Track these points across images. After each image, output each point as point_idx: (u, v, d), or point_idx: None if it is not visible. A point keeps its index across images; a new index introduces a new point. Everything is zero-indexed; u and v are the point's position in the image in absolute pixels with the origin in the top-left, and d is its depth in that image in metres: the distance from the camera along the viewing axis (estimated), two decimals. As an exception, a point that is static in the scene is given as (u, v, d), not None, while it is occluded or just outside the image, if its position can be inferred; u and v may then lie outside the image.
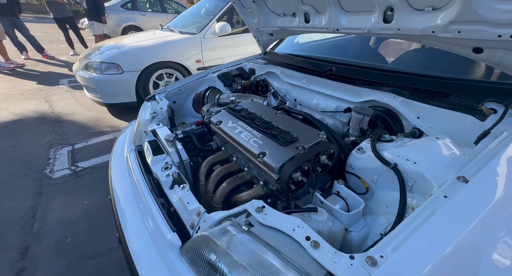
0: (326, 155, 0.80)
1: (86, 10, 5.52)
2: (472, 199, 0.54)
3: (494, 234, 0.52)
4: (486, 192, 0.55)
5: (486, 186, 0.56)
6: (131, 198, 0.95)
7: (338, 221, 0.67)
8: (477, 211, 0.51)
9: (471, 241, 0.49)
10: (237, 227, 0.63)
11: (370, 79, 1.13)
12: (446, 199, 0.54)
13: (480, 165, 0.61)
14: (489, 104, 0.84)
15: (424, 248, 0.47)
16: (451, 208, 0.52)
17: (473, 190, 0.55)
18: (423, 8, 0.87)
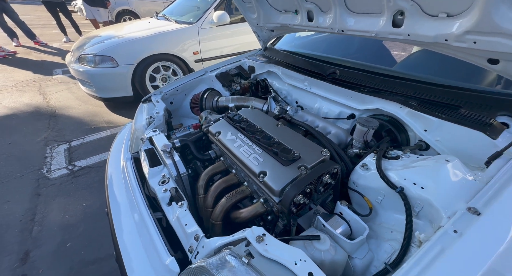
0: (329, 175, 0.77)
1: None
2: (485, 236, 0.51)
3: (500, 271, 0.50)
4: (500, 228, 0.52)
5: (500, 220, 0.54)
6: (128, 213, 0.93)
7: (341, 249, 0.65)
8: (491, 250, 0.49)
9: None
10: (236, 257, 0.61)
11: (375, 86, 1.08)
12: (456, 235, 0.52)
13: (493, 194, 0.58)
14: (501, 118, 0.80)
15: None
16: (462, 246, 0.50)
17: (486, 225, 0.53)
18: (437, 14, 0.80)
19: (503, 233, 0.51)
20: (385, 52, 1.52)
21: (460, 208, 0.57)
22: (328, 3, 1.12)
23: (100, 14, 5.40)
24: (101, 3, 5.33)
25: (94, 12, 5.37)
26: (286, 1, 1.32)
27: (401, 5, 0.85)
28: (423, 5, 0.81)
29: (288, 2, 1.31)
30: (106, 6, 5.43)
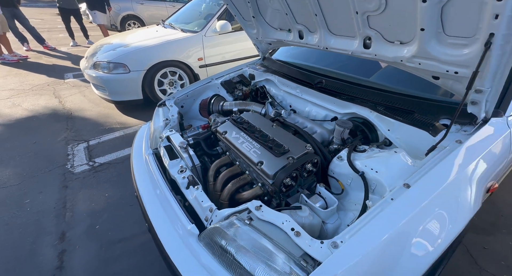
0: (311, 164, 1.01)
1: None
2: (409, 201, 0.75)
3: (419, 226, 0.74)
4: (419, 196, 0.76)
5: (421, 191, 0.77)
6: (153, 195, 1.17)
7: (317, 216, 0.89)
8: (410, 210, 0.73)
9: (403, 230, 0.71)
10: (241, 221, 0.85)
11: (352, 94, 1.32)
12: (391, 201, 0.76)
13: (421, 174, 0.82)
14: (443, 121, 1.04)
15: (369, 235, 0.69)
16: (393, 207, 0.74)
17: (411, 194, 0.77)
18: (393, 41, 1.04)
19: (420, 199, 0.75)
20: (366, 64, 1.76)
21: (398, 184, 0.81)
22: (314, 26, 1.37)
23: (97, 16, 5.63)
24: (99, 7, 5.57)
25: (91, 15, 5.61)
26: (280, 21, 1.57)
27: (368, 32, 1.10)
28: (384, 34, 1.06)
29: (283, 22, 1.56)
30: (105, 11, 5.65)
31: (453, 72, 0.89)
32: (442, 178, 0.81)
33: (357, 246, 0.68)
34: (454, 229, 0.77)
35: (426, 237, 0.73)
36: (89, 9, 5.52)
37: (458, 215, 0.80)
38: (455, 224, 0.78)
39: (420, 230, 0.73)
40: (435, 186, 0.79)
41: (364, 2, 0.97)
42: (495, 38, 0.69)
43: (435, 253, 0.73)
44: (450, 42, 0.84)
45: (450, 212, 0.78)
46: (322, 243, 0.71)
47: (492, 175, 1.00)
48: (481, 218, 1.58)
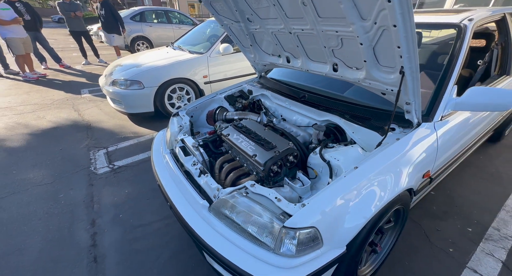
0: (292, 156, 1.36)
1: (102, 22, 6.06)
2: (354, 177, 1.09)
3: (361, 191, 1.07)
4: (361, 173, 1.10)
5: (363, 170, 1.11)
6: (172, 182, 1.50)
7: (295, 192, 1.23)
8: (353, 182, 1.07)
9: (348, 194, 1.04)
10: (240, 194, 1.18)
11: (326, 105, 1.69)
12: (344, 177, 1.10)
13: (366, 161, 1.16)
14: (392, 125, 1.40)
15: (325, 198, 1.03)
16: (343, 181, 1.08)
17: (356, 172, 1.10)
18: (352, 67, 1.43)
19: (362, 175, 1.09)
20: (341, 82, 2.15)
21: (351, 167, 1.16)
22: (297, 53, 1.77)
23: (115, 39, 6.21)
24: (116, 30, 6.15)
25: (109, 38, 6.17)
26: (272, 49, 1.98)
27: (334, 60, 1.49)
28: (345, 61, 1.44)
29: (274, 50, 1.97)
30: (121, 34, 6.24)
31: (391, 90, 1.26)
32: (381, 162, 1.15)
33: (317, 205, 1.01)
34: (388, 194, 1.10)
35: (366, 198, 1.06)
36: (107, 32, 6.07)
37: (392, 186, 1.13)
38: (390, 192, 1.11)
39: (362, 193, 1.06)
40: (376, 166, 1.13)
41: (328, 41, 1.37)
42: (404, 69, 1.06)
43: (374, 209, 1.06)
44: (384, 69, 1.22)
45: (385, 184, 1.12)
46: (295, 205, 1.05)
47: (425, 164, 1.33)
48: (439, 207, 1.90)
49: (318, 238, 0.97)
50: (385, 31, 1.00)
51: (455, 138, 1.53)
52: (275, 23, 1.61)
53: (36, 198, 2.05)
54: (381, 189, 1.10)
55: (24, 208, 1.95)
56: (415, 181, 1.25)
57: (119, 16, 6.07)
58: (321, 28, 1.32)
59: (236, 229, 1.12)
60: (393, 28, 0.94)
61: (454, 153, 1.62)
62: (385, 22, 0.95)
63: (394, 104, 1.34)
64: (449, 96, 1.37)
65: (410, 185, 1.20)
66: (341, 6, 1.03)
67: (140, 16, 8.25)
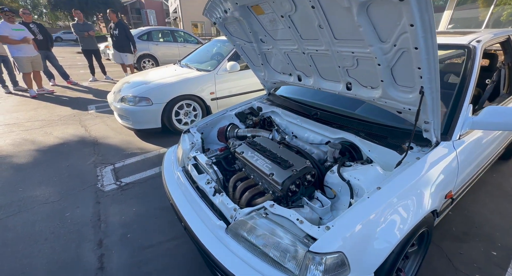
0: (310, 175, 1.34)
1: (114, 41, 6.26)
2: (378, 198, 1.06)
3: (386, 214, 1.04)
4: (385, 194, 1.07)
5: (386, 191, 1.09)
6: (185, 201, 1.47)
7: (315, 213, 1.19)
8: (378, 204, 1.04)
9: (374, 217, 1.01)
10: (259, 215, 1.15)
11: (340, 123, 1.69)
12: (367, 198, 1.07)
13: (388, 181, 1.13)
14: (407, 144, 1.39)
15: (351, 221, 0.99)
16: (367, 202, 1.05)
17: (380, 193, 1.08)
18: (367, 86, 1.45)
19: (386, 197, 1.06)
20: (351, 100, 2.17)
21: (373, 188, 1.13)
22: (309, 72, 1.80)
23: (128, 58, 6.40)
24: (128, 49, 6.35)
25: (122, 57, 6.36)
26: (283, 67, 2.02)
27: (348, 79, 1.51)
28: (359, 81, 1.46)
29: (285, 68, 2.01)
30: (133, 52, 6.46)
31: (408, 109, 1.27)
32: (404, 182, 1.13)
33: (342, 228, 0.98)
34: (414, 217, 1.07)
35: (392, 222, 1.03)
36: (119, 51, 6.26)
37: (416, 208, 1.10)
38: (415, 214, 1.08)
39: (388, 216, 1.03)
40: (399, 187, 1.10)
41: (343, 60, 1.40)
42: (424, 89, 1.07)
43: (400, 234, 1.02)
44: (401, 89, 1.23)
45: (410, 206, 1.09)
46: (318, 227, 1.01)
47: (446, 184, 1.31)
48: (458, 228, 1.84)
49: (345, 264, 0.93)
50: (405, 53, 1.02)
51: (472, 157, 1.51)
52: (289, 44, 1.65)
53: (42, 216, 2.00)
54: (406, 211, 1.07)
55: (30, 227, 1.89)
56: (438, 202, 1.22)
57: (132, 36, 6.30)
58: (336, 49, 1.35)
59: (256, 252, 1.07)
60: (414, 50, 0.95)
61: (473, 172, 1.60)
62: (405, 44, 0.98)
63: (413, 123, 1.34)
64: (465, 115, 1.38)
65: (434, 206, 1.17)
66: (360, 30, 1.06)
67: (147, 35, 8.57)
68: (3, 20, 4.98)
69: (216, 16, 1.79)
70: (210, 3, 1.67)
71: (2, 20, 4.99)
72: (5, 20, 4.97)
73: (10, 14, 5.00)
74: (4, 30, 4.90)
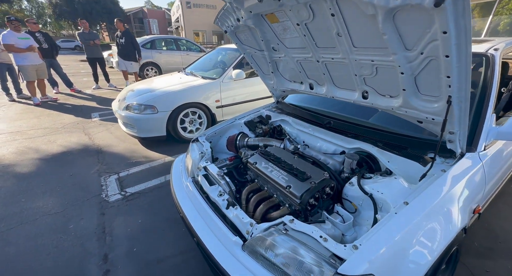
0: (329, 187, 1.28)
1: (120, 50, 6.29)
2: (408, 214, 1.00)
3: (418, 232, 0.97)
4: (414, 210, 1.01)
5: (417, 206, 1.02)
6: (197, 215, 1.40)
7: (337, 229, 1.12)
8: (409, 220, 0.97)
9: (405, 235, 0.94)
10: (278, 231, 1.08)
11: (356, 133, 1.64)
12: (395, 215, 1.01)
13: (415, 195, 1.07)
14: (431, 155, 1.33)
15: (380, 240, 0.92)
16: (397, 219, 0.98)
17: (409, 209, 1.01)
18: (385, 95, 1.40)
19: (416, 213, 1.00)
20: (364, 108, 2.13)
21: (400, 202, 1.07)
22: (322, 81, 1.76)
23: (133, 66, 6.44)
24: (133, 58, 6.39)
25: (127, 65, 6.39)
26: (294, 76, 1.99)
27: (365, 88, 1.47)
28: (377, 89, 1.42)
29: (296, 77, 1.98)
30: (138, 61, 6.49)
31: (431, 118, 1.22)
32: (432, 197, 1.06)
33: (371, 247, 0.91)
34: (446, 235, 1.00)
35: (424, 241, 0.96)
36: (124, 60, 6.30)
37: (448, 225, 1.03)
38: (447, 231, 1.01)
39: (418, 233, 0.96)
40: (428, 203, 1.04)
41: (361, 69, 1.36)
42: (452, 98, 1.02)
43: (433, 254, 0.95)
44: (424, 98, 1.18)
45: (441, 223, 1.02)
46: (345, 246, 0.94)
47: (474, 198, 1.24)
48: (482, 244, 1.75)
49: (376, 287, 0.86)
50: (433, 61, 0.98)
51: (496, 168, 1.45)
52: (302, 52, 1.62)
53: (45, 229, 1.92)
54: (437, 229, 1.00)
55: (32, 240, 1.81)
56: (467, 217, 1.15)
57: (138, 44, 6.36)
58: (354, 57, 1.32)
59: (276, 272, 1.00)
60: (444, 59, 0.91)
61: (496, 184, 1.54)
62: (434, 52, 0.94)
63: (435, 134, 1.30)
64: (489, 125, 1.33)
65: (465, 223, 1.10)
66: (385, 37, 1.02)
67: (151, 44, 8.66)
68: (10, 29, 5.02)
69: (228, 24, 1.77)
70: (222, 11, 1.65)
71: (9, 29, 5.04)
72: (12, 29, 5.01)
73: (16, 23, 5.05)
74: (10, 38, 4.93)
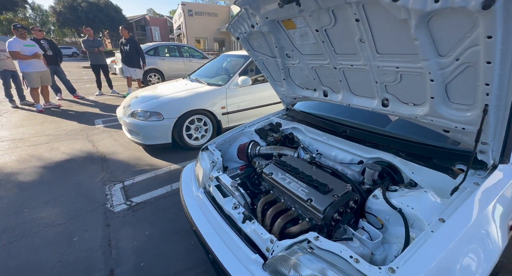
0: (352, 201, 1.20)
1: (124, 56, 6.30)
2: (446, 233, 0.92)
3: (459, 254, 0.89)
4: (452, 228, 0.93)
5: (453, 224, 0.95)
6: (211, 229, 1.32)
7: (366, 247, 1.04)
8: (449, 240, 0.89)
9: (447, 257, 0.86)
10: (303, 249, 1.00)
11: (375, 142, 1.57)
12: (432, 233, 0.92)
13: (451, 211, 0.99)
14: (458, 166, 1.26)
15: (420, 263, 0.84)
16: (435, 238, 0.90)
17: (447, 227, 0.93)
18: (408, 103, 1.34)
19: (456, 231, 0.92)
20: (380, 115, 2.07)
21: (434, 219, 0.99)
22: (338, 88, 1.71)
23: (136, 73, 6.44)
24: (137, 65, 6.40)
25: (131, 71, 6.39)
26: (307, 83, 1.93)
27: (385, 96, 1.41)
28: (399, 97, 1.36)
29: (309, 84, 1.92)
30: (142, 67, 6.50)
31: (461, 128, 1.15)
32: (470, 213, 0.99)
33: (411, 271, 0.83)
34: (490, 256, 0.92)
35: (467, 264, 0.88)
36: (128, 66, 6.31)
37: (490, 245, 0.95)
38: (490, 252, 0.93)
39: (460, 256, 0.88)
40: (466, 220, 0.96)
41: (383, 76, 1.30)
42: (489, 107, 0.96)
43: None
44: (455, 106, 1.12)
45: (483, 243, 0.94)
46: (380, 268, 0.86)
47: (510, 214, 1.16)
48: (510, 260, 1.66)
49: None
50: (470, 67, 0.92)
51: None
52: (319, 59, 1.57)
53: (48, 241, 1.84)
54: (480, 250, 0.92)
55: (35, 254, 1.73)
56: (507, 235, 1.07)
57: (142, 51, 6.38)
58: (377, 64, 1.26)
59: (302, 295, 0.91)
60: (484, 65, 0.85)
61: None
62: (473, 58, 0.88)
63: (465, 144, 1.23)
64: (521, 134, 1.25)
65: (506, 242, 1.02)
66: (416, 43, 0.97)
67: (154, 51, 8.71)
68: (15, 36, 5.03)
69: (241, 30, 1.73)
70: (236, 18, 1.61)
71: (15, 36, 5.05)
72: (17, 36, 5.02)
73: (22, 31, 5.07)
74: (16, 45, 4.94)
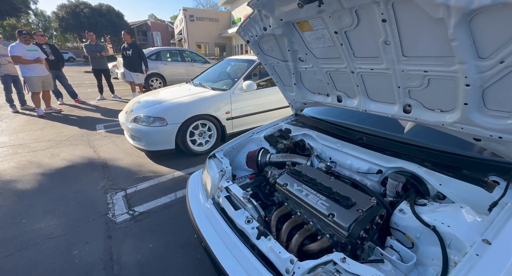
0: (379, 216, 1.10)
1: (126, 61, 6.24)
2: (495, 257, 0.81)
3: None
4: (502, 252, 0.82)
5: (500, 246, 0.84)
6: (223, 246, 1.21)
7: (400, 271, 0.94)
8: (500, 266, 0.78)
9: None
10: (328, 273, 0.90)
11: (396, 150, 1.48)
12: (478, 257, 0.81)
13: (495, 231, 0.89)
14: (492, 177, 1.16)
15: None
16: (483, 264, 0.79)
17: (495, 250, 0.83)
18: (434, 109, 1.25)
19: (506, 256, 0.81)
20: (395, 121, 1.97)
21: (477, 240, 0.88)
22: (353, 92, 1.62)
23: (139, 78, 6.39)
24: (140, 69, 6.35)
25: (133, 76, 6.34)
26: (319, 88, 1.85)
27: (408, 101, 1.32)
28: (424, 103, 1.27)
29: (322, 89, 1.84)
30: (144, 72, 6.45)
31: (497, 137, 1.06)
32: (513, 233, 0.88)
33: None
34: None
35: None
36: (131, 71, 6.26)
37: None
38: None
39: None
40: (511, 241, 0.86)
41: (407, 80, 1.22)
42: (535, 114, 0.87)
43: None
44: (491, 113, 1.03)
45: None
46: (419, 296, 0.76)
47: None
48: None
49: None
50: (516, 71, 0.84)
51: None
52: (335, 63, 1.49)
53: (46, 255, 1.73)
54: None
55: (32, 269, 1.62)
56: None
57: (145, 56, 6.35)
58: (401, 67, 1.18)
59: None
60: (534, 69, 0.77)
61: None
62: (521, 61, 0.79)
63: (503, 154, 1.13)
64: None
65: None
66: (453, 44, 0.88)
67: (156, 55, 8.69)
68: (19, 41, 5.00)
69: (252, 33, 1.65)
70: (248, 20, 1.54)
71: (17, 41, 5.02)
72: (21, 41, 4.99)
73: (27, 36, 5.05)
74: (18, 50, 4.90)
